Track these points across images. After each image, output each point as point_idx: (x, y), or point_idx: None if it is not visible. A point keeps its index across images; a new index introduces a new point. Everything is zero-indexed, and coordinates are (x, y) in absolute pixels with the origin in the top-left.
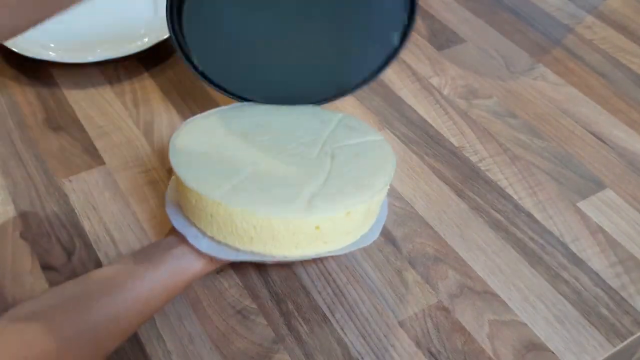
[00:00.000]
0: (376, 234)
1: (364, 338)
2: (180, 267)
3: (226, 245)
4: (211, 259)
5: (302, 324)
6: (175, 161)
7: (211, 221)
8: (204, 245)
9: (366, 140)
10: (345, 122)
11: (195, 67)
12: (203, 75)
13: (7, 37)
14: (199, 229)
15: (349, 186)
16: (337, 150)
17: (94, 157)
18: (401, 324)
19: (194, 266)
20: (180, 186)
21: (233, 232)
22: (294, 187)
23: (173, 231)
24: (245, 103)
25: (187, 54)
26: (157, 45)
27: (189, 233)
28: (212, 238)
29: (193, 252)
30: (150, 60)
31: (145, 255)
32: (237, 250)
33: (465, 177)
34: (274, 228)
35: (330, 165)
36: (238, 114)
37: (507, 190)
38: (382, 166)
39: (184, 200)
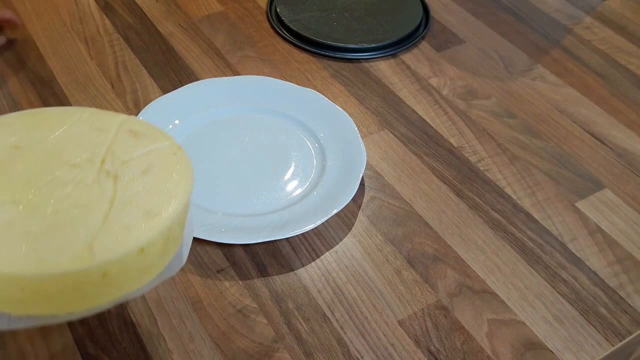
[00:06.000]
0: (184, 259)
1: (363, 337)
2: None
3: None
4: None
5: (302, 323)
6: None
7: None
8: None
9: (156, 148)
10: (127, 126)
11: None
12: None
13: None
14: None
15: (139, 216)
16: (121, 167)
17: None
18: (400, 323)
19: None
20: None
21: None
22: (69, 228)
23: None
24: (1, 117)
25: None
26: (157, 46)
27: None
28: None
29: None
30: (150, 60)
31: None
32: (9, 316)
33: (464, 177)
34: (48, 287)
35: (112, 190)
36: None
37: (505, 190)
38: (178, 180)
39: None
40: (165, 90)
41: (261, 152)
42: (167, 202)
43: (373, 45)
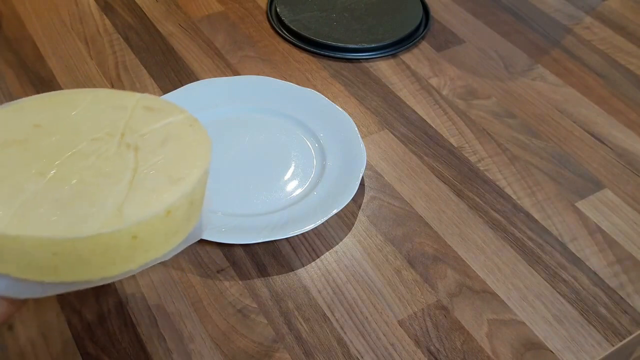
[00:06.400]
0: (204, 226)
1: (363, 337)
2: None
3: (27, 281)
4: (12, 301)
5: (302, 323)
6: None
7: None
8: (1, 286)
9: (172, 121)
10: (143, 103)
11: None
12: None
13: None
14: None
15: (163, 181)
16: (140, 139)
17: None
18: (400, 323)
19: None
20: None
21: (31, 265)
22: (95, 195)
23: None
24: (18, 101)
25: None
26: (157, 46)
27: None
28: (8, 275)
29: None
30: (150, 60)
31: None
32: (43, 283)
33: (464, 177)
34: (81, 251)
35: (134, 161)
36: (6, 116)
37: (505, 190)
38: (197, 149)
39: None
40: (165, 90)
41: (261, 152)
42: (188, 168)
43: (373, 45)
